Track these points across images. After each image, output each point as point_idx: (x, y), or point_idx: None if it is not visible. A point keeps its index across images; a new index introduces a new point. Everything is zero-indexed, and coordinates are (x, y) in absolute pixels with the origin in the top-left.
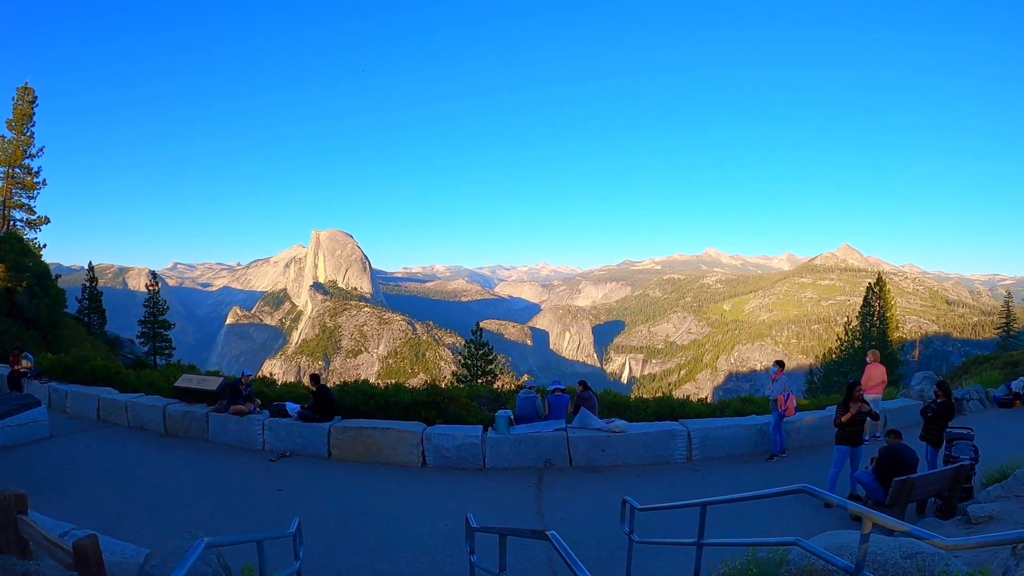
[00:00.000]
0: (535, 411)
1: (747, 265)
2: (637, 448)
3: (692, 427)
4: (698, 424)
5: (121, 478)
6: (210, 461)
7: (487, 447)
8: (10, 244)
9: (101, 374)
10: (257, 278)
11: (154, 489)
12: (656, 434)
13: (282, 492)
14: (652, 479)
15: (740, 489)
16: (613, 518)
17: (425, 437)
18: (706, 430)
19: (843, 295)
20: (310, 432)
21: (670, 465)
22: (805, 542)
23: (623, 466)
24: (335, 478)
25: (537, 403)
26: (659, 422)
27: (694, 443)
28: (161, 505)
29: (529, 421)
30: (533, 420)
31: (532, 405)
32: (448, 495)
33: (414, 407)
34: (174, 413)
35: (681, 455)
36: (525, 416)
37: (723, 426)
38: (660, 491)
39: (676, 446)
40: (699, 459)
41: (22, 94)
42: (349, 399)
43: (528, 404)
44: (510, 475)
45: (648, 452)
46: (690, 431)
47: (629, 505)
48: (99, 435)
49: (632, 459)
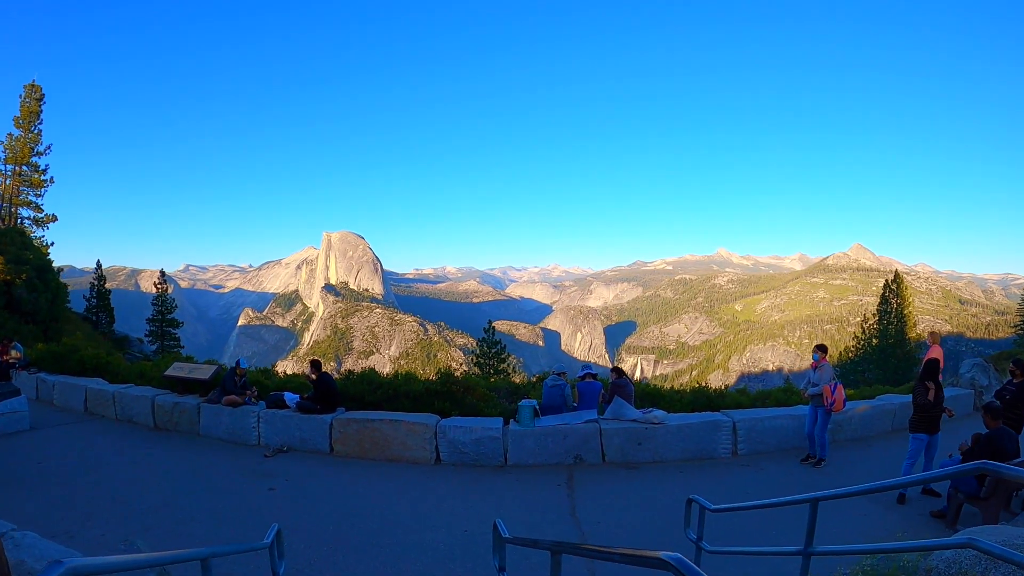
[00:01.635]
0: (563, 401)
1: (759, 265)
2: (678, 441)
3: (737, 418)
4: (744, 415)
5: (98, 474)
6: (198, 456)
7: (509, 441)
8: (11, 238)
9: (91, 364)
10: (269, 280)
11: (132, 487)
12: (698, 425)
13: (274, 492)
14: (696, 476)
15: (799, 488)
16: (660, 521)
17: (439, 430)
18: (753, 421)
19: (855, 295)
20: (310, 425)
21: (714, 460)
22: (985, 542)
23: (661, 462)
24: (336, 476)
25: (566, 391)
26: (700, 412)
27: (739, 435)
28: (136, 504)
29: (556, 412)
30: (561, 411)
31: (560, 394)
32: (465, 496)
33: (426, 397)
34: (163, 404)
35: (726, 449)
36: (552, 406)
37: (771, 416)
38: (707, 489)
39: (720, 439)
40: (745, 453)
41: (29, 91)
42: (354, 389)
43: (556, 393)
44: (535, 473)
45: (690, 445)
46: (735, 422)
47: (698, 505)
48: (83, 428)
49: (672, 454)
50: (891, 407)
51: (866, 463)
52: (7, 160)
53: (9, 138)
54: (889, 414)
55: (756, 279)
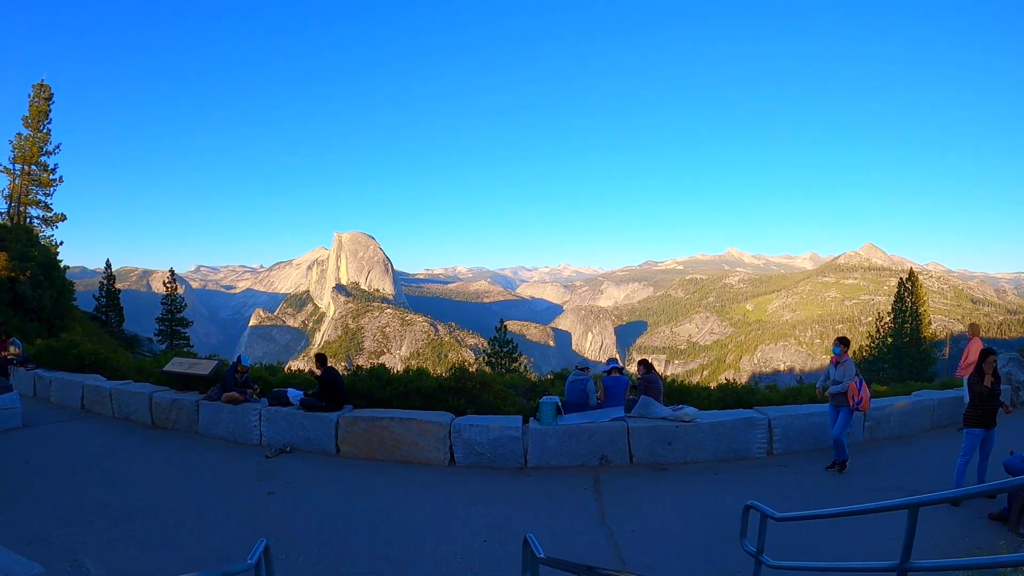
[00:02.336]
0: (587, 397)
1: (770, 265)
2: (710, 440)
3: (772, 415)
4: (779, 412)
5: (86, 475)
6: (195, 456)
7: (529, 441)
8: (17, 234)
9: (89, 360)
10: (280, 280)
11: (121, 489)
12: (732, 423)
13: (273, 496)
14: (731, 477)
15: (846, 490)
16: (703, 528)
17: (454, 429)
18: (788, 418)
19: (867, 294)
20: (314, 423)
21: (748, 460)
22: None
23: (693, 462)
24: (341, 479)
25: (590, 387)
26: (733, 410)
27: (775, 434)
28: (123, 508)
29: (580, 409)
30: (585, 408)
31: (583, 390)
32: (482, 501)
33: (439, 394)
34: (161, 402)
35: (760, 448)
36: (575, 403)
37: (807, 413)
38: (747, 492)
39: (755, 437)
40: (781, 453)
41: (38, 91)
42: (362, 385)
43: (579, 389)
44: (558, 475)
45: (723, 445)
46: (770, 420)
47: (758, 513)
48: (78, 426)
49: (704, 454)
50: (930, 403)
51: (908, 462)
52: (16, 159)
53: (18, 137)
54: (928, 410)
55: (767, 279)
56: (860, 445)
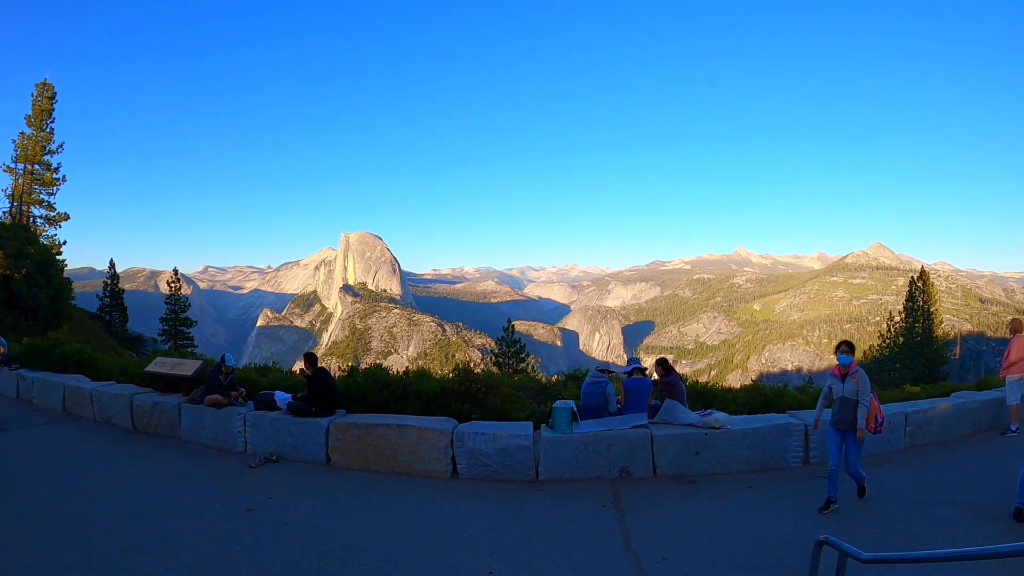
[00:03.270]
0: (606, 402)
1: (777, 264)
2: (742, 449)
3: (808, 420)
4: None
5: (49, 486)
6: (171, 466)
7: (542, 451)
8: (14, 232)
9: (74, 359)
10: (287, 281)
11: (86, 504)
12: (765, 430)
13: (252, 514)
14: (769, 491)
15: (894, 503)
16: (748, 558)
17: (457, 437)
18: (824, 422)
19: (875, 294)
20: (303, 430)
21: (783, 471)
22: None
23: (723, 473)
24: (331, 493)
25: (609, 391)
26: (763, 414)
27: (812, 441)
28: (81, 528)
29: (598, 415)
30: (603, 414)
31: (602, 393)
32: (489, 520)
33: (441, 398)
34: (142, 405)
35: (796, 457)
36: (593, 408)
37: None
38: (789, 509)
39: (790, 445)
40: (818, 461)
41: (41, 90)
42: (357, 388)
43: (597, 392)
44: (573, 489)
45: (756, 454)
46: (807, 425)
47: (836, 551)
48: (54, 430)
49: (735, 464)
50: (972, 405)
51: (957, 470)
52: (19, 158)
53: (21, 136)
54: (970, 413)
55: (775, 278)
56: (901, 452)
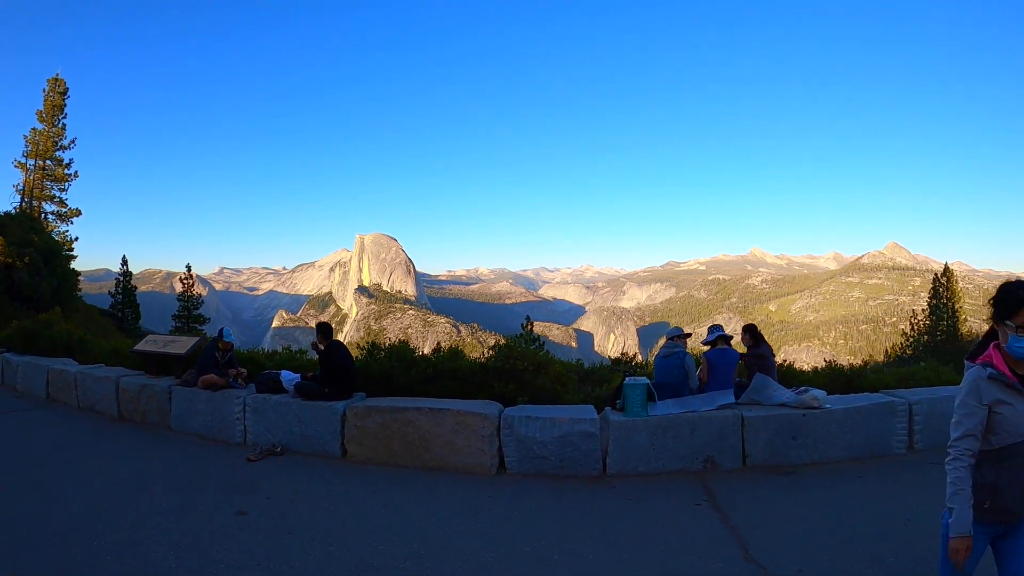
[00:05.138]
0: (686, 377)
1: (792, 265)
2: (843, 433)
3: (912, 399)
4: (919, 395)
5: (14, 483)
6: (157, 459)
7: (611, 438)
8: (19, 221)
9: (62, 342)
10: (302, 282)
11: (39, 504)
12: (869, 410)
13: (245, 518)
14: (880, 482)
15: None
16: (905, 565)
17: (504, 423)
18: (931, 403)
19: (891, 294)
20: (313, 416)
21: (887, 458)
22: None
23: (822, 462)
24: (345, 494)
25: (689, 363)
26: (862, 394)
27: (916, 423)
28: (38, 531)
29: (677, 393)
30: (682, 392)
31: (680, 366)
32: (555, 527)
33: (480, 377)
34: (129, 388)
35: (900, 442)
36: (670, 385)
37: (949, 396)
38: (914, 504)
39: (894, 428)
40: (923, 447)
41: (53, 85)
42: (379, 366)
43: (674, 365)
44: (651, 486)
45: (858, 438)
46: (911, 404)
47: None
48: (33, 417)
49: (835, 450)
50: None
51: None
52: (30, 154)
53: (33, 132)
54: None
55: (790, 279)
56: None
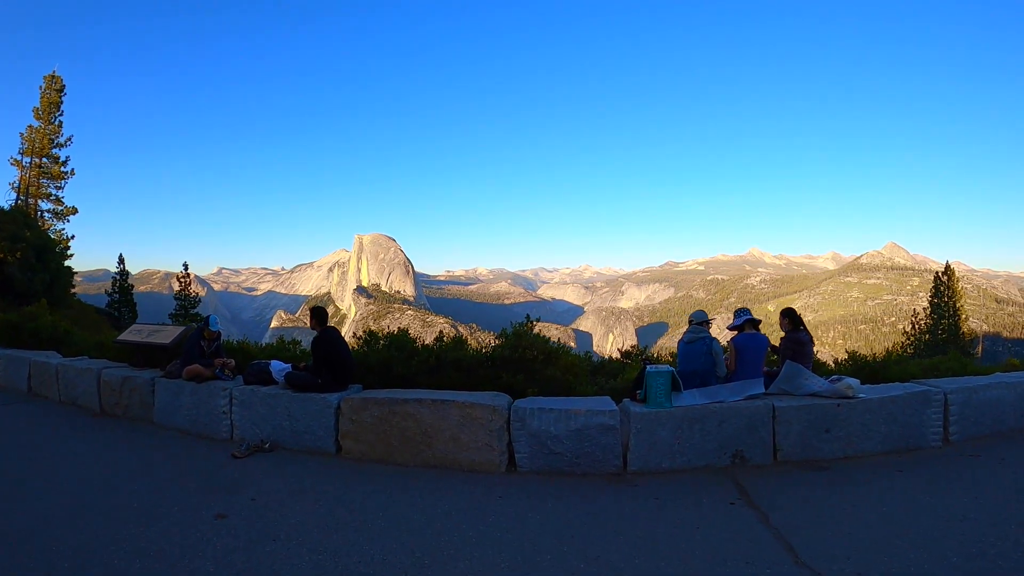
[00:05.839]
0: (713, 365)
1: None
2: (877, 424)
3: (948, 388)
4: (953, 384)
5: None
6: (134, 456)
7: (632, 432)
8: (11, 216)
9: (46, 334)
10: (301, 282)
11: (10, 504)
12: (904, 400)
13: (224, 523)
14: (919, 476)
15: None
16: (973, 563)
17: (515, 415)
18: (966, 392)
19: (890, 294)
20: (305, 409)
21: (923, 451)
22: None
23: (856, 456)
24: (341, 494)
25: (716, 348)
26: (894, 383)
27: (951, 413)
28: None
29: (704, 382)
30: (710, 380)
31: (707, 352)
32: (577, 531)
33: (486, 368)
34: (110, 381)
35: (936, 434)
36: (696, 373)
37: (987, 385)
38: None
39: (929, 419)
40: (959, 439)
41: (49, 82)
42: (377, 356)
43: (701, 351)
44: (678, 483)
45: (892, 430)
46: (946, 394)
47: None
48: (7, 412)
49: (869, 443)
50: None
51: None
52: (26, 152)
53: (29, 129)
54: None
55: (789, 279)
56: None
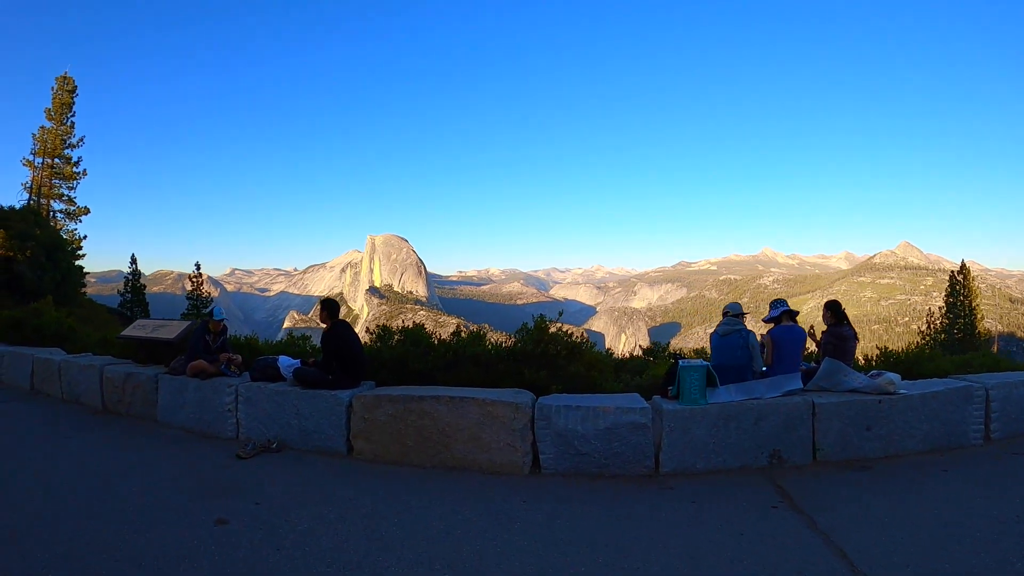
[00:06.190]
0: (750, 359)
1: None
2: (919, 421)
3: (989, 383)
4: (995, 379)
5: None
6: (134, 456)
7: (665, 430)
8: (23, 215)
9: (50, 331)
10: (314, 283)
11: None
12: (946, 395)
13: (226, 528)
14: (967, 477)
15: None
16: None
17: (539, 413)
18: (1008, 387)
19: (903, 294)
20: (315, 406)
21: (966, 450)
22: None
23: (896, 455)
24: (352, 498)
25: (752, 341)
26: (935, 379)
27: (992, 410)
28: None
29: (740, 377)
30: (746, 375)
31: (744, 346)
32: (609, 544)
33: (506, 363)
34: (113, 378)
35: (977, 431)
36: (732, 367)
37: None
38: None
39: (971, 416)
40: (1000, 436)
41: (61, 84)
42: (391, 352)
43: (736, 344)
44: (715, 486)
45: (934, 428)
46: (988, 389)
47: None
48: (8, 410)
49: (911, 441)
50: None
51: None
52: (38, 152)
53: (41, 131)
54: None
55: (802, 279)
56: None
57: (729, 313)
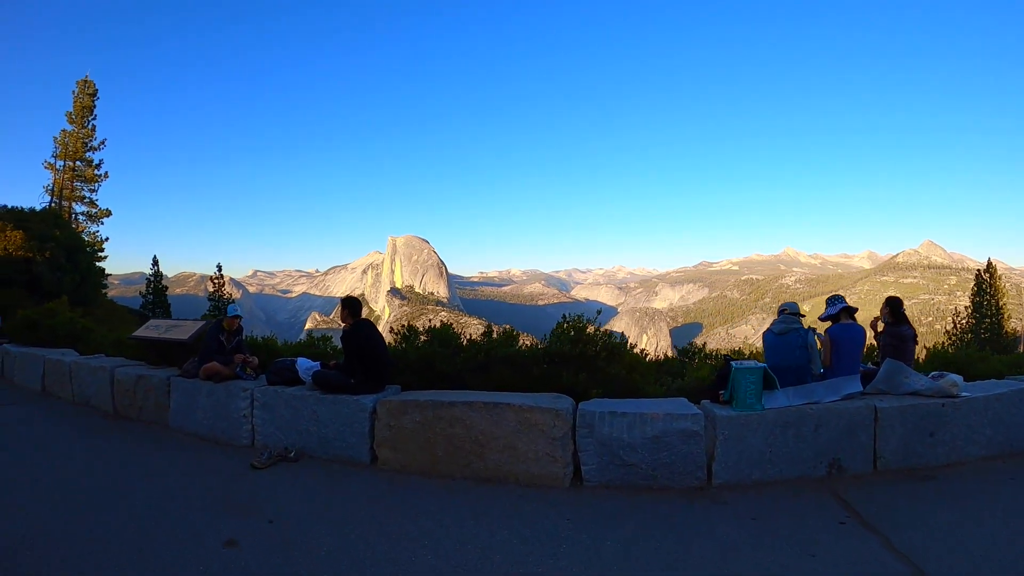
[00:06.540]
0: (808, 360)
1: (826, 264)
2: (982, 426)
3: None
4: None
5: None
6: (141, 467)
7: (718, 438)
8: (42, 217)
9: (63, 331)
10: (335, 284)
11: None
12: (1009, 397)
13: (234, 551)
14: None
15: None
16: None
17: (581, 420)
18: None
19: (927, 294)
20: (335, 412)
21: None
22: None
23: (959, 463)
24: (374, 515)
25: (811, 341)
26: (996, 380)
27: None
28: None
29: (799, 380)
30: (805, 378)
31: (803, 346)
32: (667, 569)
33: (542, 365)
34: (124, 380)
35: None
36: (789, 369)
37: None
38: None
39: None
40: None
41: (82, 87)
42: (417, 353)
43: (795, 344)
44: (773, 499)
45: (998, 433)
46: None
47: None
48: (15, 413)
49: (975, 448)
50: None
51: None
52: (59, 155)
53: (63, 134)
54: None
55: (824, 278)
56: None
57: (787, 311)
